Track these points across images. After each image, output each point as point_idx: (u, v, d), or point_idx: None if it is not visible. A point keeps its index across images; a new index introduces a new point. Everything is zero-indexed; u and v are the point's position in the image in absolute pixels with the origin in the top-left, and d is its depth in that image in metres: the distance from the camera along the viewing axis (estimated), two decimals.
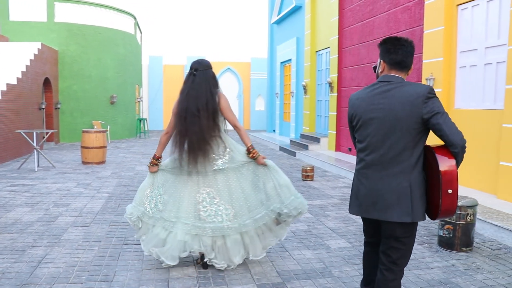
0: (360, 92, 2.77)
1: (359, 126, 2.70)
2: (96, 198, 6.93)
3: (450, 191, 2.42)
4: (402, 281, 3.12)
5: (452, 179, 2.42)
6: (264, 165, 3.93)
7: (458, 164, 2.48)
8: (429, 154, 2.55)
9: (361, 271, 4.00)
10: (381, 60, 2.71)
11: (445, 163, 2.43)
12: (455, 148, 2.44)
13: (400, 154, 2.52)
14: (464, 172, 6.72)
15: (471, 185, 6.96)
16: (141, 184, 4.10)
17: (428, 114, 2.45)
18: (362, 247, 4.67)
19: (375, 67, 2.82)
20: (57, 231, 5.18)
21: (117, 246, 4.69)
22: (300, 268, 4.11)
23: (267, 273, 3.96)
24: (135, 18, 20.07)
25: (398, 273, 2.65)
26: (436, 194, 2.47)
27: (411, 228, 2.60)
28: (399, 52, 2.62)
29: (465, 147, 2.46)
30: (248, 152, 3.94)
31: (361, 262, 4.21)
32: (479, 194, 6.53)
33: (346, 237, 5.10)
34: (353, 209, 2.76)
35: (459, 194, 4.65)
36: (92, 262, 4.20)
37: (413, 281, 3.76)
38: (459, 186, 2.58)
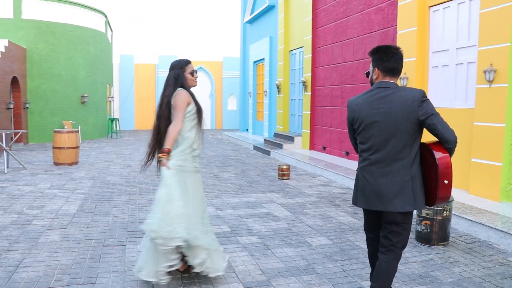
0: (359, 97, 2.98)
1: (361, 129, 2.92)
2: (72, 200, 6.80)
3: (446, 181, 2.74)
4: None
5: (448, 171, 2.74)
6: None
7: (450, 157, 2.79)
8: (425, 150, 2.83)
9: (344, 267, 4.09)
10: (375, 68, 2.95)
11: (441, 158, 2.74)
12: (449, 144, 2.76)
13: (401, 151, 2.79)
14: None
15: None
16: None
17: (424, 116, 2.75)
18: (343, 244, 4.78)
19: (367, 73, 3.06)
20: (33, 234, 5.06)
21: (97, 248, 4.62)
22: (283, 265, 4.15)
23: (251, 272, 3.99)
24: (106, 16, 19.72)
25: (398, 253, 2.93)
26: (434, 185, 2.78)
27: (410, 215, 2.91)
28: (392, 60, 2.89)
29: (457, 142, 2.77)
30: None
31: (344, 259, 4.31)
32: (452, 190, 6.71)
33: (326, 234, 5.17)
34: (360, 203, 2.97)
35: None
36: (72, 264, 4.13)
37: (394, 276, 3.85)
38: None
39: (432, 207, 4.67)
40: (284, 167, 8.94)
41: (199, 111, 3.81)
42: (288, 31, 14.83)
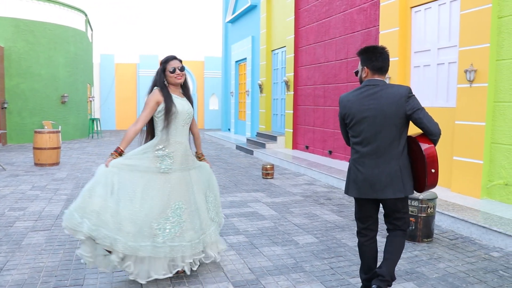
0: (350, 94, 3.20)
1: (353, 124, 3.14)
2: (54, 201, 6.71)
3: (433, 170, 3.01)
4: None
5: (434, 161, 3.01)
6: None
7: None
8: (412, 142, 3.09)
9: (332, 265, 4.13)
10: (364, 67, 3.18)
11: (427, 149, 3.00)
12: (434, 136, 3.02)
13: (390, 144, 3.04)
14: None
15: None
16: None
17: (410, 110, 3.00)
18: (329, 242, 4.82)
19: (356, 72, 3.29)
20: (17, 236, 4.98)
21: None
22: (271, 264, 4.17)
23: (240, 271, 3.99)
24: (86, 15, 19.48)
25: (404, 232, 3.27)
26: (422, 174, 3.04)
27: (406, 201, 3.25)
28: (380, 59, 3.12)
29: (440, 134, 3.03)
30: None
31: (331, 257, 4.36)
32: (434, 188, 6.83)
33: (313, 232, 5.21)
34: (352, 192, 3.19)
35: None
36: (58, 266, 4.08)
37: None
38: None
39: (417, 205, 4.75)
40: (268, 166, 8.97)
41: (167, 112, 3.68)
42: (270, 31, 14.86)
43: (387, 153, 3.04)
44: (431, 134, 3.01)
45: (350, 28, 9.73)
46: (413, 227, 4.76)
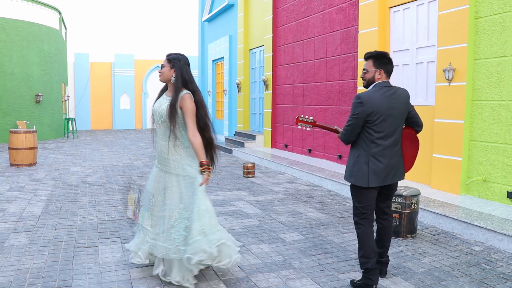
0: (373, 94, 3.49)
1: (380, 121, 3.47)
2: (35, 202, 6.58)
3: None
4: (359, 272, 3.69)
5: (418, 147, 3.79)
6: None
7: None
8: (404, 134, 3.68)
9: (320, 262, 4.18)
10: (381, 69, 3.55)
11: (417, 138, 3.75)
12: (421, 127, 3.77)
13: (399, 136, 3.62)
14: None
15: (407, 177, 7.41)
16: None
17: (411, 108, 3.69)
18: (315, 239, 4.87)
19: (365, 71, 3.65)
20: None
21: (68, 250, 4.50)
22: (260, 261, 4.19)
23: (230, 269, 4.00)
24: (60, 13, 19.10)
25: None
26: (412, 156, 3.73)
27: None
28: (391, 64, 3.62)
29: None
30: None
31: (319, 253, 4.40)
32: (415, 185, 6.97)
33: (298, 230, 5.26)
34: (373, 183, 3.50)
35: (402, 185, 4.99)
36: (45, 268, 4.01)
37: None
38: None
39: (401, 201, 4.85)
40: (249, 165, 8.99)
41: (153, 111, 3.95)
42: (248, 30, 14.87)
43: (397, 144, 3.60)
44: (420, 126, 3.74)
45: (329, 28, 9.82)
46: (397, 223, 4.86)
